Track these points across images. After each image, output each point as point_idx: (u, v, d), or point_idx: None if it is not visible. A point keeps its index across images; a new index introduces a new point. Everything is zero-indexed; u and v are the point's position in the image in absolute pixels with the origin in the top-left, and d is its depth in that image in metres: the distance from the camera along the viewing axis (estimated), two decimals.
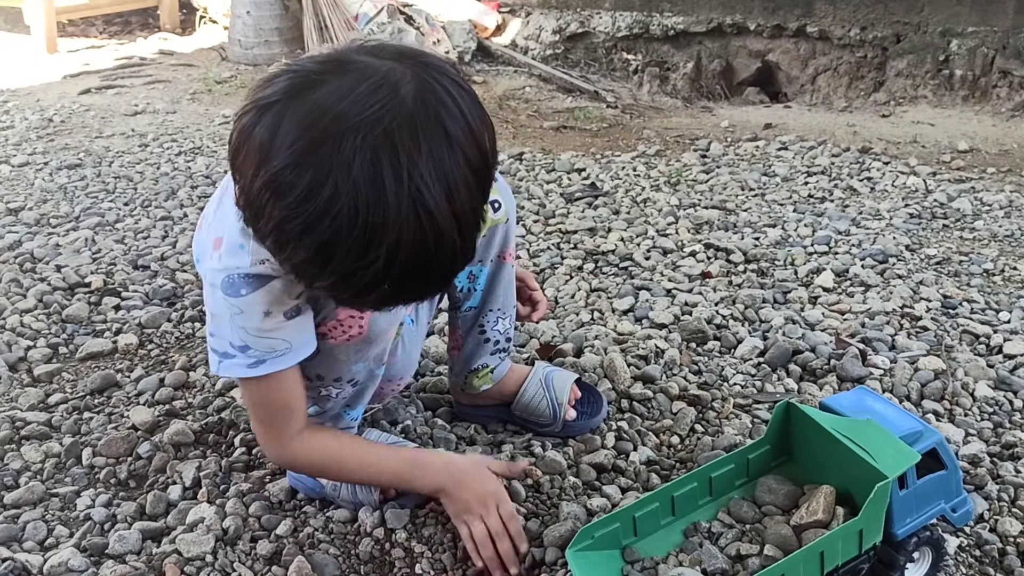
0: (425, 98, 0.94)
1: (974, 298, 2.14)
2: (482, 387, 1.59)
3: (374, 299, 1.01)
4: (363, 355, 1.30)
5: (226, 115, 3.86)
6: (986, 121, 3.82)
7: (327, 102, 0.92)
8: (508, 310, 1.55)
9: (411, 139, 0.92)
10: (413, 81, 0.95)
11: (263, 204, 0.94)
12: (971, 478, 1.48)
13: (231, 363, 1.19)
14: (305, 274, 0.99)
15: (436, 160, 0.93)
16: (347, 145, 0.90)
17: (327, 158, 0.90)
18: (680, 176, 3.11)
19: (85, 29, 5.79)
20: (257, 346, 1.17)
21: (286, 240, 0.95)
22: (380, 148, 0.90)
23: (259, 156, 0.94)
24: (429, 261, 0.96)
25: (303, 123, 0.92)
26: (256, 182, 0.94)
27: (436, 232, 0.93)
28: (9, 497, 1.45)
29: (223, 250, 1.16)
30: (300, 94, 0.95)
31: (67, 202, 2.79)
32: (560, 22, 4.92)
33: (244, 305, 1.15)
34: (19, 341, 1.94)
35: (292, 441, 1.28)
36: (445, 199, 0.93)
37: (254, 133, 0.95)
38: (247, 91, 1.05)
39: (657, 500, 1.29)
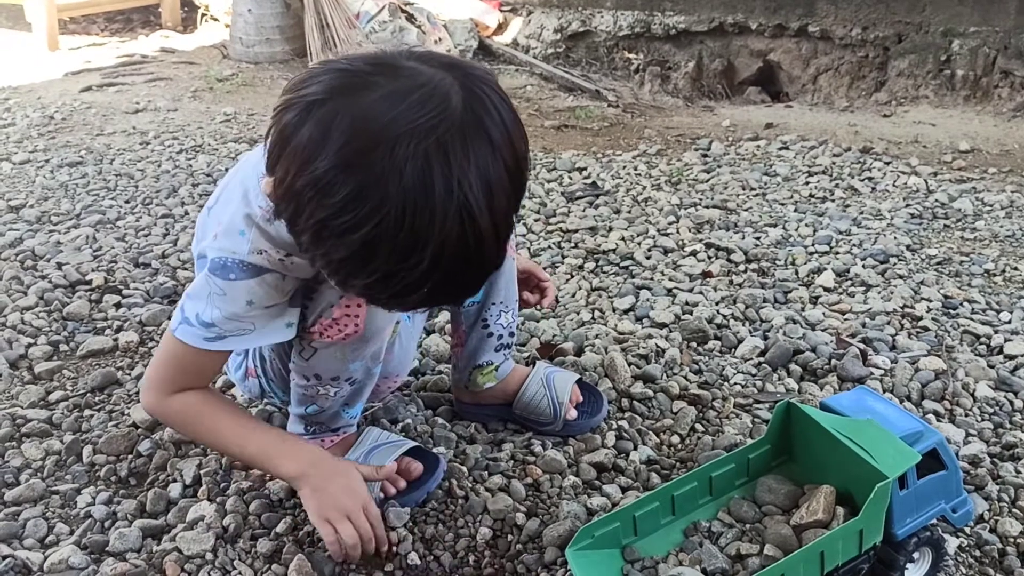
0: (474, 107, 0.97)
1: (975, 298, 2.14)
2: (486, 384, 1.60)
3: (412, 300, 1.02)
4: (360, 353, 1.30)
5: (227, 113, 3.86)
6: (987, 121, 3.81)
7: (380, 107, 0.94)
8: (511, 303, 1.56)
9: (461, 148, 0.94)
10: (461, 91, 0.97)
11: (306, 201, 0.96)
12: (971, 478, 1.48)
13: (188, 331, 1.21)
14: (341, 272, 1.01)
15: (482, 169, 0.95)
16: (400, 151, 0.92)
17: (378, 161, 0.92)
18: (681, 175, 3.11)
19: (86, 26, 5.79)
20: (223, 327, 1.19)
21: (326, 237, 0.97)
22: (432, 156, 0.92)
23: (306, 153, 0.95)
24: (469, 265, 0.99)
25: (356, 125, 0.94)
26: (301, 179, 0.96)
27: (478, 238, 0.96)
28: (10, 494, 1.45)
29: (221, 231, 1.18)
30: (352, 94, 0.96)
31: (68, 200, 2.79)
32: (561, 21, 4.92)
33: (229, 289, 1.17)
34: (20, 338, 1.94)
35: (173, 396, 1.28)
36: (487, 207, 0.96)
37: (301, 130, 0.96)
38: (285, 85, 1.05)
39: (657, 499, 1.29)
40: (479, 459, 1.52)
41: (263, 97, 4.24)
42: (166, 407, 1.30)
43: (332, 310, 1.24)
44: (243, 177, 1.21)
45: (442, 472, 1.45)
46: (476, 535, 1.36)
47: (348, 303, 1.24)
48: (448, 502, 1.42)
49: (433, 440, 1.57)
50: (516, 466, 1.52)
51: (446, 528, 1.38)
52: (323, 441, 1.43)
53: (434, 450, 1.51)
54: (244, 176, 1.21)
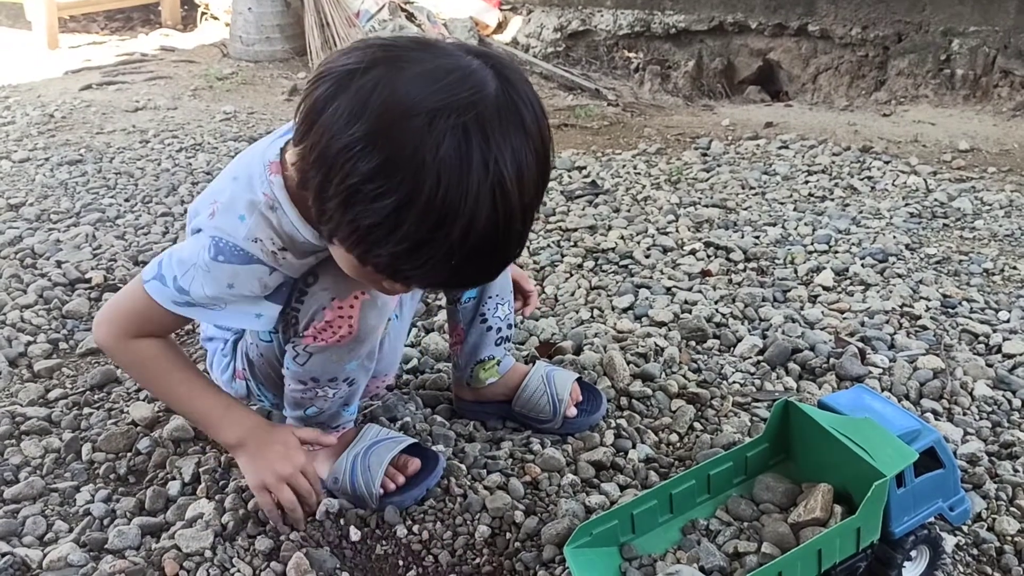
0: (508, 92, 1.00)
1: (973, 297, 2.14)
2: (488, 380, 1.60)
3: (435, 276, 1.04)
4: (355, 354, 1.30)
5: (227, 111, 3.86)
6: (987, 121, 3.82)
7: (421, 80, 0.97)
8: (506, 295, 1.57)
9: (500, 128, 0.97)
10: (497, 78, 1.00)
11: (340, 165, 0.97)
12: (969, 477, 1.48)
13: (160, 289, 1.21)
14: (366, 239, 1.01)
15: (516, 151, 0.98)
16: (439, 123, 0.94)
17: (417, 131, 0.94)
18: (681, 174, 3.11)
19: (86, 25, 5.79)
20: (195, 297, 1.20)
21: (357, 202, 0.98)
22: (471, 131, 0.95)
23: (344, 119, 0.97)
24: (496, 245, 1.01)
25: (396, 94, 0.96)
26: (337, 142, 0.97)
27: (508, 216, 0.99)
28: (9, 492, 1.45)
29: (220, 209, 1.19)
30: (393, 65, 0.99)
31: (68, 198, 2.79)
32: (561, 20, 4.92)
33: (214, 268, 1.18)
34: (19, 336, 1.94)
35: (132, 339, 1.28)
36: (519, 189, 0.98)
37: (339, 97, 0.98)
38: (322, 61, 1.07)
39: (655, 498, 1.29)
40: (478, 457, 1.52)
41: (263, 95, 4.24)
42: (122, 348, 1.30)
43: (324, 312, 1.24)
44: (248, 162, 1.21)
45: (441, 469, 1.45)
46: (474, 533, 1.37)
47: (340, 304, 1.23)
48: (446, 500, 1.43)
49: (432, 438, 1.57)
50: (515, 464, 1.52)
51: (444, 526, 1.38)
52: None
53: (433, 448, 1.51)
54: (249, 161, 1.21)
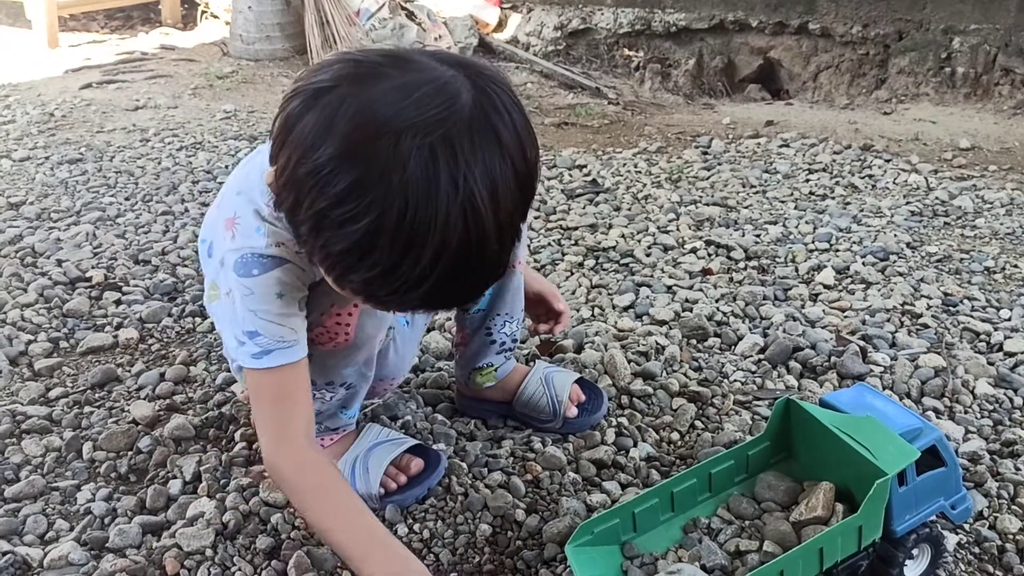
0: (484, 106, 0.95)
1: (975, 296, 2.14)
2: (485, 384, 1.60)
3: (410, 299, 1.00)
4: (352, 360, 1.30)
5: (227, 110, 3.86)
6: (988, 119, 3.81)
7: (388, 98, 0.93)
8: (516, 314, 1.55)
9: (469, 145, 0.93)
10: (472, 90, 0.96)
11: (307, 190, 0.94)
12: (971, 475, 1.48)
13: (242, 352, 1.17)
14: (339, 265, 0.98)
15: (488, 168, 0.94)
16: (405, 143, 0.91)
17: (382, 152, 0.91)
18: (681, 173, 3.11)
19: (86, 23, 5.78)
20: (266, 332, 1.14)
21: (326, 228, 0.95)
22: (438, 150, 0.91)
23: (311, 141, 0.94)
24: (470, 266, 0.97)
25: (361, 114, 0.93)
26: (303, 167, 0.94)
27: (481, 237, 0.94)
28: (9, 491, 1.45)
29: (237, 230, 1.15)
30: (361, 83, 0.95)
31: (68, 197, 2.79)
32: (562, 18, 4.92)
33: (255, 286, 1.13)
34: (20, 335, 1.94)
35: (293, 450, 1.19)
36: (492, 207, 0.94)
37: (306, 116, 0.95)
38: (298, 75, 1.05)
39: (657, 496, 1.29)
40: (479, 456, 1.52)
41: (263, 94, 4.24)
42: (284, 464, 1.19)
43: (323, 318, 1.23)
44: (247, 174, 1.20)
45: (442, 469, 1.44)
46: (476, 532, 1.36)
47: (339, 311, 1.23)
48: (448, 499, 1.43)
49: (433, 437, 1.57)
50: (516, 463, 1.52)
51: (446, 525, 1.38)
52: (323, 440, 1.43)
53: (434, 447, 1.51)
54: (248, 173, 1.20)
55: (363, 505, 1.21)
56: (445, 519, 1.39)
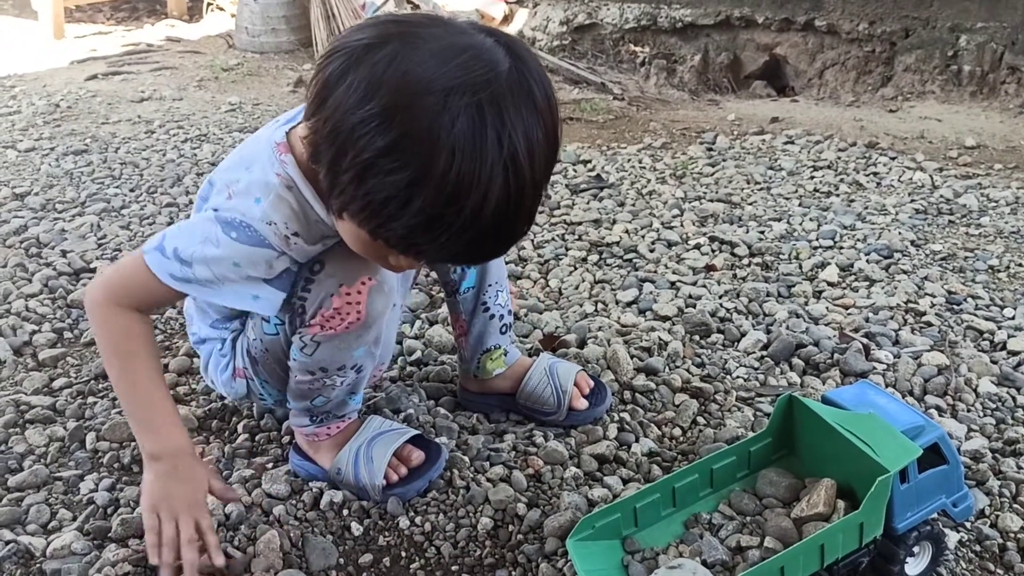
0: (521, 71, 1.01)
1: (979, 294, 2.13)
2: (496, 371, 1.61)
3: (449, 249, 1.05)
4: (362, 340, 1.30)
5: (232, 102, 3.86)
6: (994, 117, 3.80)
7: (436, 59, 0.98)
8: (503, 282, 1.59)
9: (512, 106, 0.99)
10: (509, 56, 1.01)
11: (355, 139, 0.98)
12: (972, 473, 1.48)
13: (160, 260, 1.19)
14: (380, 214, 1.02)
15: (527, 128, 1.00)
16: (453, 101, 0.96)
17: (432, 108, 0.95)
18: (686, 169, 3.11)
19: (92, 15, 5.79)
20: (196, 271, 1.18)
21: (371, 176, 0.99)
22: (486, 108, 0.96)
23: (360, 93, 0.98)
24: (507, 219, 1.02)
25: (412, 70, 0.97)
26: (352, 117, 0.98)
27: (520, 191, 1.00)
28: (13, 480, 1.46)
29: (235, 192, 1.19)
30: (411, 40, 1.00)
31: (73, 188, 2.80)
32: (567, 13, 4.91)
33: (224, 244, 1.17)
34: (24, 325, 1.95)
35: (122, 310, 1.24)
36: (530, 166, 1.00)
37: (356, 71, 0.99)
38: (336, 38, 1.08)
39: (658, 491, 1.29)
40: (481, 449, 1.52)
41: (268, 87, 4.24)
42: (104, 312, 1.25)
43: (331, 300, 1.24)
44: (255, 148, 1.22)
45: (443, 461, 1.45)
46: (477, 525, 1.37)
47: (348, 291, 1.23)
48: (449, 492, 1.43)
49: (435, 430, 1.57)
50: (517, 457, 1.52)
51: (447, 518, 1.38)
52: (329, 428, 1.43)
53: (436, 440, 1.51)
54: (256, 147, 1.22)
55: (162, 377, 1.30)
56: (447, 512, 1.39)
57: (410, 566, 1.31)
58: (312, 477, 1.45)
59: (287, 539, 1.31)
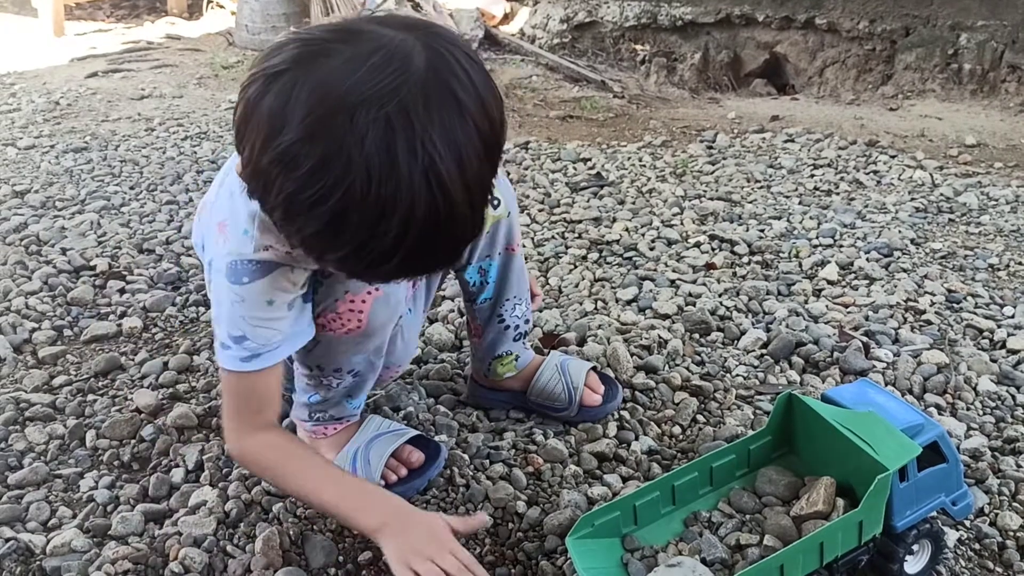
0: (437, 68, 0.93)
1: (978, 293, 2.13)
2: (506, 375, 1.60)
3: (386, 271, 0.99)
4: (362, 348, 1.30)
5: (232, 100, 3.84)
6: (994, 116, 3.80)
7: (339, 74, 0.91)
8: (523, 295, 1.55)
9: (424, 110, 0.91)
10: (424, 51, 0.93)
11: (273, 177, 0.93)
12: (972, 472, 1.48)
13: (227, 355, 1.18)
14: (315, 247, 0.98)
15: (448, 131, 0.92)
16: (360, 118, 0.89)
17: (339, 130, 0.89)
18: (686, 167, 3.11)
19: (92, 12, 5.79)
20: (254, 337, 1.16)
21: (296, 212, 0.94)
22: (394, 120, 0.89)
23: (269, 128, 0.93)
24: (441, 231, 0.95)
25: (315, 95, 0.91)
26: (266, 155, 0.93)
27: (449, 202, 0.92)
28: (13, 478, 1.46)
29: (228, 235, 1.15)
30: (310, 63, 0.93)
31: (73, 185, 2.80)
32: (568, 11, 4.91)
33: (246, 293, 1.15)
34: (24, 323, 1.95)
35: (254, 434, 1.24)
36: (457, 170, 0.92)
37: (262, 103, 0.93)
38: (252, 59, 1.03)
39: (658, 489, 1.29)
40: (480, 447, 1.52)
41: None
42: (243, 454, 1.26)
43: (336, 304, 1.24)
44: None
45: (443, 460, 1.45)
46: None
47: (353, 298, 1.23)
48: (449, 490, 1.43)
49: (435, 428, 1.57)
50: (517, 455, 1.52)
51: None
52: (326, 428, 1.43)
53: (436, 438, 1.51)
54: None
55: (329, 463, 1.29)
56: (447, 510, 1.39)
57: None
58: None
59: (287, 537, 1.31)
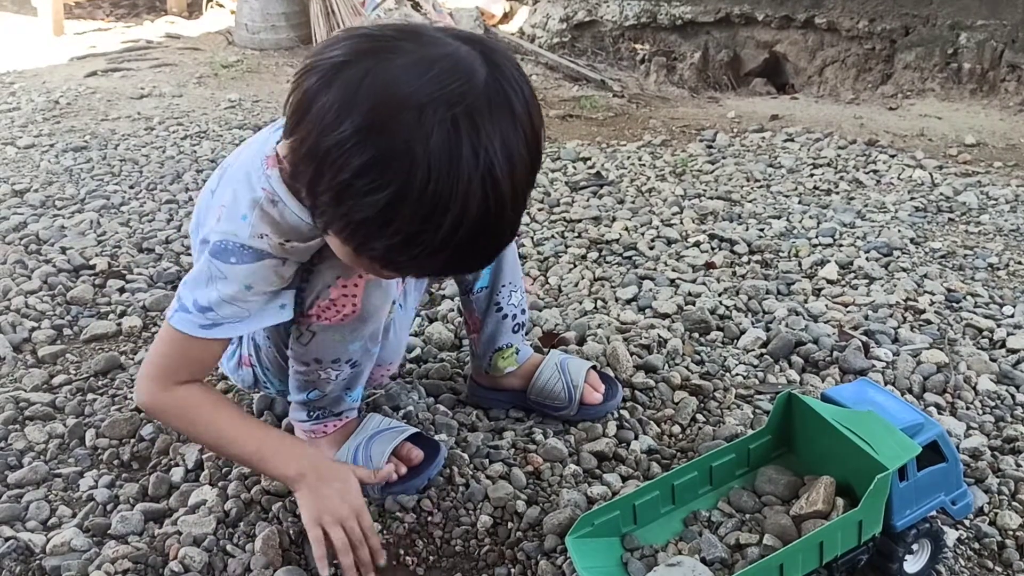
0: (498, 80, 1.00)
1: (978, 292, 2.13)
2: (507, 369, 1.60)
3: (430, 264, 1.05)
4: (359, 334, 1.30)
5: (232, 99, 3.86)
6: (993, 115, 3.80)
7: (408, 72, 0.97)
8: (517, 282, 1.58)
9: (488, 117, 0.97)
10: (486, 64, 1.00)
11: (331, 161, 0.97)
12: (971, 471, 1.48)
13: (184, 318, 1.20)
14: (359, 233, 1.02)
15: (505, 139, 0.98)
16: (428, 116, 0.94)
17: (406, 125, 0.94)
18: (685, 166, 3.11)
19: (92, 11, 5.78)
20: (220, 310, 1.19)
21: (348, 198, 0.98)
22: (460, 122, 0.95)
23: (333, 115, 0.97)
24: (487, 232, 1.02)
25: (384, 88, 0.96)
26: (327, 139, 0.97)
27: (500, 205, 0.99)
28: (12, 477, 1.46)
29: (223, 215, 1.18)
30: (378, 57, 0.98)
31: (73, 184, 2.79)
32: (567, 10, 4.91)
33: (229, 272, 1.17)
34: (24, 322, 1.95)
35: (174, 388, 1.25)
36: (510, 176, 0.99)
37: (328, 92, 0.98)
38: (309, 50, 1.08)
39: (657, 489, 1.29)
40: (480, 447, 1.52)
41: (268, 84, 4.24)
42: (164, 400, 1.27)
43: (329, 291, 1.24)
44: (245, 159, 1.21)
45: (443, 459, 1.45)
46: (476, 522, 1.37)
47: (345, 283, 1.24)
48: (449, 489, 1.43)
49: (435, 427, 1.57)
50: (517, 454, 1.52)
51: (446, 516, 1.38)
52: (326, 425, 1.43)
53: (435, 437, 1.51)
54: (247, 158, 1.21)
55: (245, 413, 1.31)
56: (447, 510, 1.39)
57: (410, 563, 1.31)
58: None
59: (287, 536, 1.31)
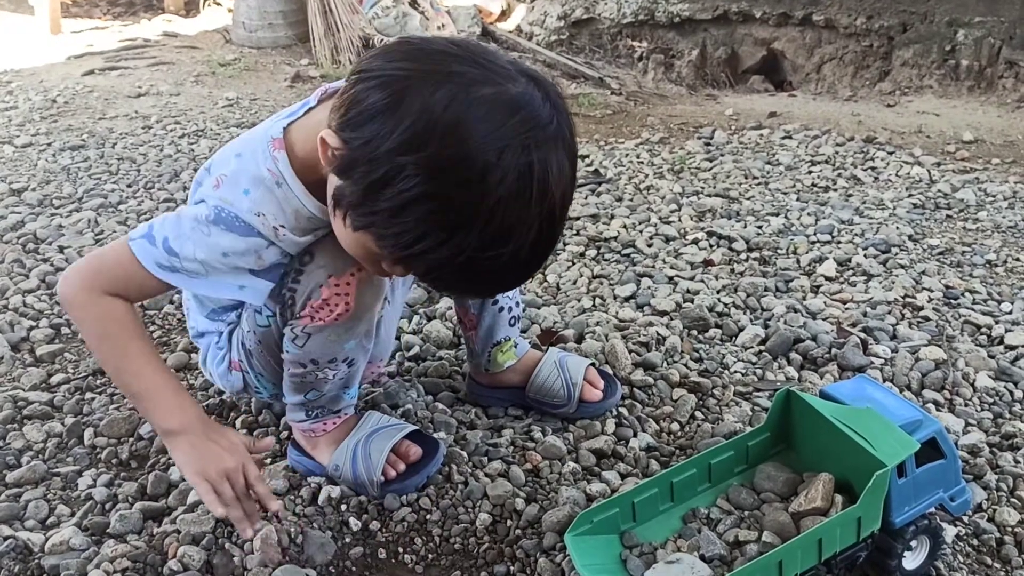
0: (559, 122, 1.03)
1: (976, 289, 2.14)
2: (506, 363, 1.61)
3: (474, 287, 1.11)
4: (353, 332, 1.30)
5: (229, 97, 3.86)
6: (991, 112, 3.80)
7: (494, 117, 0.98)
8: None
9: (556, 159, 1.02)
10: (548, 104, 1.03)
11: (403, 176, 0.98)
12: (970, 468, 1.48)
13: (147, 248, 1.19)
14: (413, 246, 1.03)
15: (566, 178, 1.04)
16: (507, 158, 0.98)
17: (489, 164, 0.97)
18: (684, 164, 3.10)
19: (89, 10, 5.77)
20: (184, 263, 1.19)
21: (412, 213, 1.00)
22: (536, 166, 0.99)
23: (414, 134, 0.98)
24: (536, 262, 1.08)
25: (473, 127, 0.98)
26: (403, 157, 0.98)
27: (553, 239, 1.06)
28: (11, 476, 1.46)
29: (223, 183, 1.19)
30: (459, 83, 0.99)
31: (70, 183, 2.79)
32: (565, 8, 4.90)
33: (213, 233, 1.18)
34: (22, 321, 1.95)
35: (102, 295, 1.23)
36: (563, 211, 1.06)
37: (401, 107, 0.99)
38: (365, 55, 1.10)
39: (656, 486, 1.29)
40: (479, 444, 1.52)
41: (265, 82, 4.23)
42: (88, 302, 1.23)
43: (321, 291, 1.24)
44: (251, 139, 1.22)
45: (441, 457, 1.45)
46: (475, 520, 1.37)
47: (337, 282, 1.24)
48: (448, 487, 1.43)
49: (433, 425, 1.57)
50: (516, 452, 1.52)
51: (447, 515, 1.38)
52: (325, 423, 1.43)
53: (434, 435, 1.51)
54: (252, 139, 1.22)
55: (157, 354, 1.29)
56: (446, 509, 1.39)
57: (409, 561, 1.31)
58: (310, 472, 1.45)
59: (285, 534, 1.31)
